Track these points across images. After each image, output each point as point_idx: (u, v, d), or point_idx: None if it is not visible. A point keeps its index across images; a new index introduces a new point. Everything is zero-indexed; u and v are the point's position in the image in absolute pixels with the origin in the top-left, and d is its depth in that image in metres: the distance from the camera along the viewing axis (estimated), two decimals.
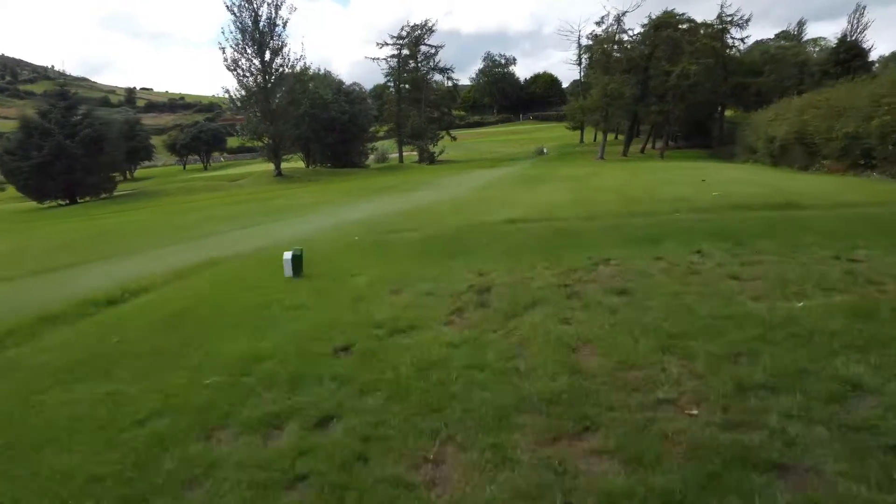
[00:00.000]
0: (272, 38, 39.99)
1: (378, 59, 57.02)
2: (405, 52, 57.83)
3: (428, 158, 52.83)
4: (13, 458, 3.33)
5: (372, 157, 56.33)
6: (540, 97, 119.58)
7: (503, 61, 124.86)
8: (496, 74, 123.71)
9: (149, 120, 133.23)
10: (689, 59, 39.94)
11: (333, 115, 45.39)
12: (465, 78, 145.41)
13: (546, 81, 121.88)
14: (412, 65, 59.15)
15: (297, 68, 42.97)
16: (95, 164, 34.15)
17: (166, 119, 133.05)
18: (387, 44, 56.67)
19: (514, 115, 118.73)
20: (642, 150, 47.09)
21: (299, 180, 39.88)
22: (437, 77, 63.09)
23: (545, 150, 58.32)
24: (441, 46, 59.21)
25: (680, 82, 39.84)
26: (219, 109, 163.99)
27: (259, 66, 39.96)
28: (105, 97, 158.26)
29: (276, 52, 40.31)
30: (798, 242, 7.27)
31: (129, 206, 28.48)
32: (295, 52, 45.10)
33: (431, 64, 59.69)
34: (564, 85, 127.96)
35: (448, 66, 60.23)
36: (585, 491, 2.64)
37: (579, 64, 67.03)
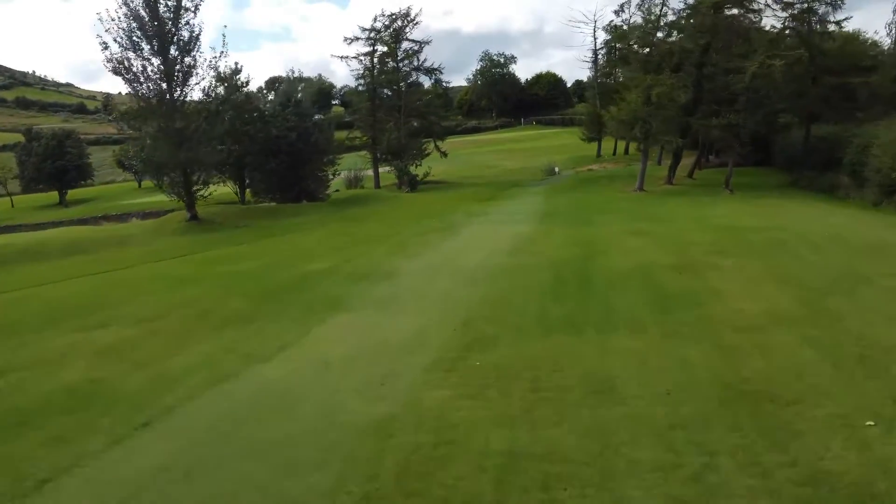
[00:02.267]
0: (178, 30, 27.46)
1: (347, 57, 44.46)
2: (382, 48, 45.27)
3: (408, 183, 40.32)
4: None
5: (341, 177, 43.75)
6: (543, 99, 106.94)
7: (502, 60, 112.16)
8: (494, 75, 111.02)
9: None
10: (767, 52, 27.32)
11: (276, 134, 32.86)
12: (462, 79, 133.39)
13: (549, 82, 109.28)
14: (391, 64, 46.64)
15: (220, 70, 30.53)
16: None
17: None
18: (357, 38, 44.09)
19: (514, 119, 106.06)
20: (691, 175, 34.49)
21: (218, 229, 27.39)
22: (424, 79, 50.75)
23: (556, 170, 45.81)
24: (427, 42, 46.73)
25: (755, 83, 27.26)
26: None
27: (159, 67, 27.44)
28: (81, 104, 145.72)
29: (186, 48, 27.79)
30: None
31: None
32: (213, 49, 31.06)
33: (415, 63, 47.17)
34: (569, 85, 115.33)
35: (436, 66, 47.72)
36: None
37: (595, 61, 54.47)
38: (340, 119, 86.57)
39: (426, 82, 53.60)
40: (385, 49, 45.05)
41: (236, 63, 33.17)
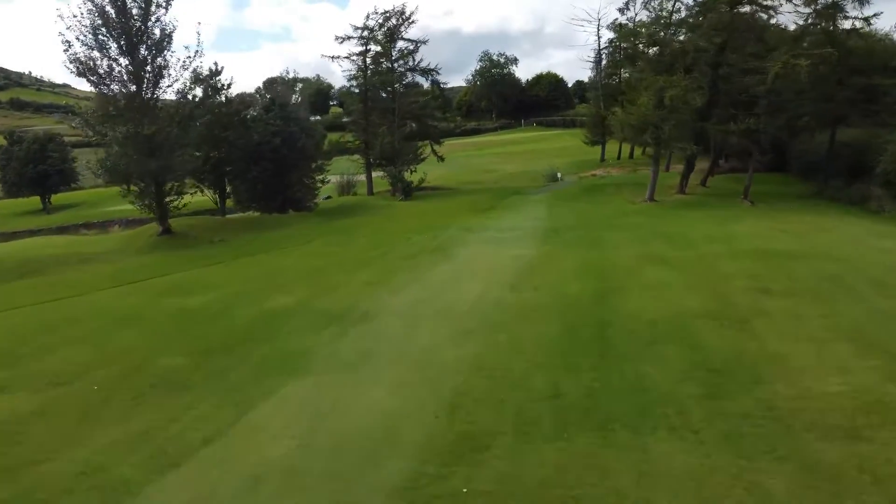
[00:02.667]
0: (148, 27, 25.02)
1: (339, 57, 41.94)
2: (375, 48, 42.76)
3: (402, 190, 37.86)
4: None
5: (333, 182, 41.36)
6: (543, 100, 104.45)
7: (502, 61, 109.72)
8: (494, 76, 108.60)
9: None
10: (791, 50, 24.90)
11: (259, 139, 30.43)
12: (461, 80, 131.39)
13: (549, 82, 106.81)
14: (385, 65, 44.15)
15: (197, 71, 28.14)
16: None
17: None
18: (349, 37, 41.58)
19: (514, 120, 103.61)
20: (703, 183, 32.01)
21: (191, 245, 24.97)
22: (419, 80, 48.28)
23: (559, 176, 43.36)
24: (423, 41, 44.03)
25: (777, 85, 24.80)
26: None
27: (128, 68, 25.03)
28: (74, 105, 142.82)
29: (157, 47, 25.35)
30: None
31: None
32: (188, 48, 28.23)
33: (411, 63, 44.63)
34: (569, 85, 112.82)
35: (432, 67, 45.15)
36: None
37: (598, 61, 52.05)
38: (339, 119, 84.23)
39: (423, 83, 51.24)
40: (379, 49, 42.56)
41: (216, 63, 30.65)
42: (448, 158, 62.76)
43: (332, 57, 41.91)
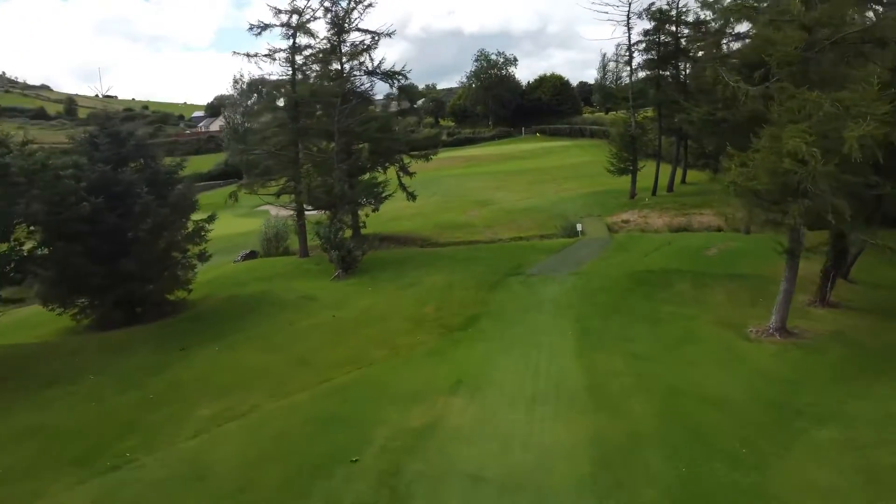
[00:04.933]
0: None
1: (256, 56, 27.53)
2: (309, 41, 28.44)
3: (340, 262, 23.66)
4: None
5: (272, 215, 27.28)
6: (546, 105, 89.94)
7: (500, 61, 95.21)
8: (492, 77, 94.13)
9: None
10: None
11: (52, 202, 16.34)
12: (455, 81, 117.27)
13: (553, 85, 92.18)
14: (335, 66, 29.94)
15: None
16: None
17: None
18: (268, 26, 27.21)
19: (513, 127, 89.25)
20: (846, 275, 17.88)
21: None
22: (381, 86, 33.83)
23: (580, 228, 29.07)
24: (386, 33, 29.50)
25: None
26: (176, 121, 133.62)
27: None
28: (41, 108, 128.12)
29: None
30: None
31: None
32: None
33: (368, 64, 30.34)
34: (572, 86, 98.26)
35: (398, 70, 30.77)
36: None
37: (629, 61, 37.63)
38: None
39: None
40: (314, 42, 28.33)
41: None
42: (431, 179, 48.10)
43: (248, 55, 27.52)
